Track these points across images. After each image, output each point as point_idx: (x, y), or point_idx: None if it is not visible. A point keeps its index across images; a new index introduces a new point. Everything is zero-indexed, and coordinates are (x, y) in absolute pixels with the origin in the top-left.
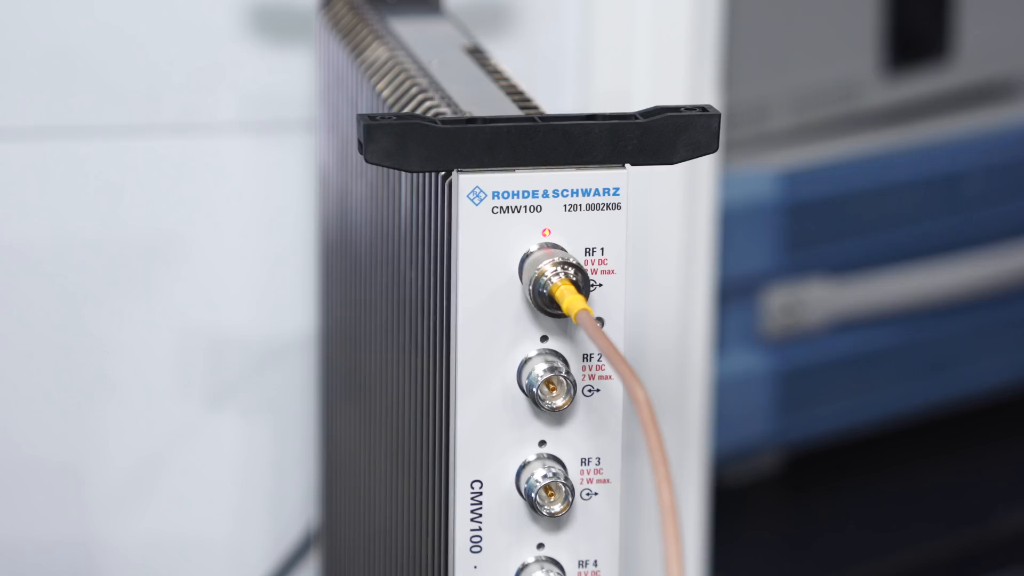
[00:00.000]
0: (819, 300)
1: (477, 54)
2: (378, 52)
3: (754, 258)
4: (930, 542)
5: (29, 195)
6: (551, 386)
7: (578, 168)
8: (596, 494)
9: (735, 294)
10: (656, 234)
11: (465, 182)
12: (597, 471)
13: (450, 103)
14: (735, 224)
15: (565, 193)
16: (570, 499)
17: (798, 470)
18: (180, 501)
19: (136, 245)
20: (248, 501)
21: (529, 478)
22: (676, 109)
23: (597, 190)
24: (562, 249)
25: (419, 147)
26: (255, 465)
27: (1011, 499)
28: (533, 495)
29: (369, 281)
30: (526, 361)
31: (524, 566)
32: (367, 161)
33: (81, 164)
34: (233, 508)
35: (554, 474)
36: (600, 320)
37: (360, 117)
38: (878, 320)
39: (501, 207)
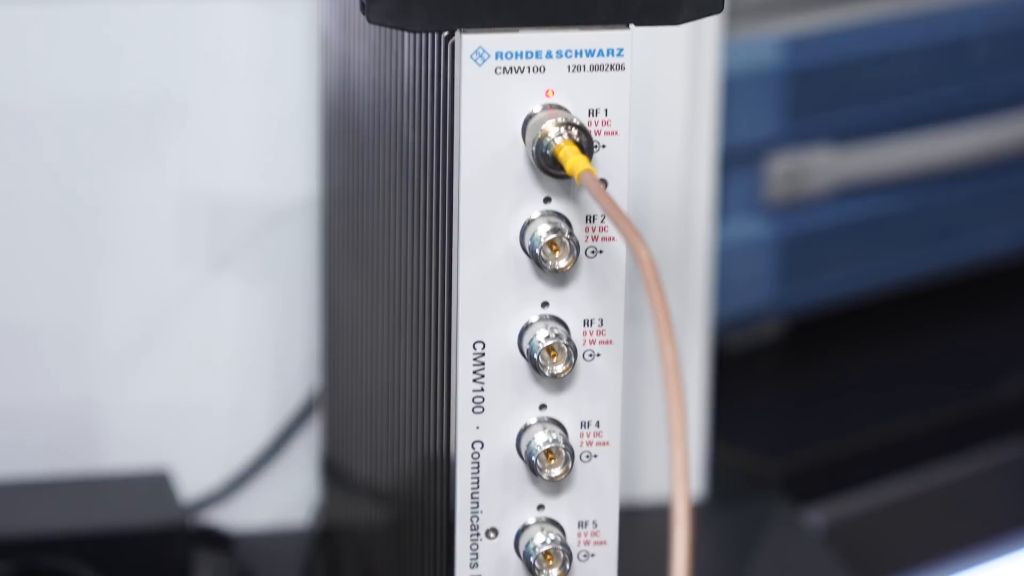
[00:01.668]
0: (823, 167)
1: None
2: None
3: (758, 125)
4: (932, 408)
5: (28, 58)
6: (554, 247)
7: (582, 29)
8: (599, 355)
9: (738, 161)
10: (660, 99)
11: (468, 42)
12: (600, 332)
13: None
14: (739, 91)
15: (569, 54)
16: (572, 360)
17: (800, 337)
18: (182, 365)
19: (137, 108)
20: (250, 365)
21: (532, 339)
22: None
23: (601, 51)
24: (565, 110)
25: (422, 6)
26: (257, 329)
27: (1014, 366)
28: (535, 356)
29: (372, 144)
30: (529, 222)
31: (526, 426)
32: (369, 21)
33: (82, 26)
34: (235, 372)
35: (556, 335)
36: (603, 181)
37: None
38: (882, 187)
39: (504, 67)
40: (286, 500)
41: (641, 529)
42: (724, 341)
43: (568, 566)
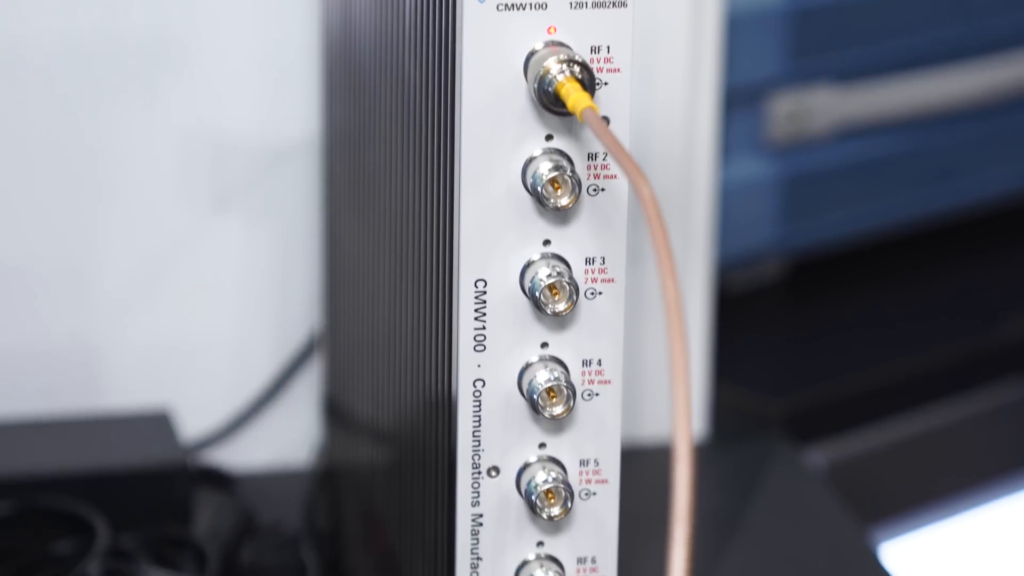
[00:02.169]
0: (825, 107)
1: None
2: None
3: (760, 65)
4: (933, 349)
5: None
6: (556, 185)
7: None
8: (601, 293)
9: (740, 101)
10: (662, 37)
11: None
12: (602, 270)
13: None
14: (741, 30)
15: None
16: (574, 298)
17: (802, 277)
18: (183, 305)
19: (138, 48)
20: (252, 305)
21: (533, 277)
22: None
23: None
24: (567, 47)
25: None
26: (259, 269)
27: (1015, 306)
28: (537, 294)
29: (373, 83)
30: (531, 160)
31: (528, 365)
32: None
33: None
34: (237, 312)
35: (558, 273)
36: (605, 119)
37: None
38: (884, 127)
39: (506, 4)
40: (287, 440)
41: (642, 468)
42: (725, 281)
43: (569, 504)
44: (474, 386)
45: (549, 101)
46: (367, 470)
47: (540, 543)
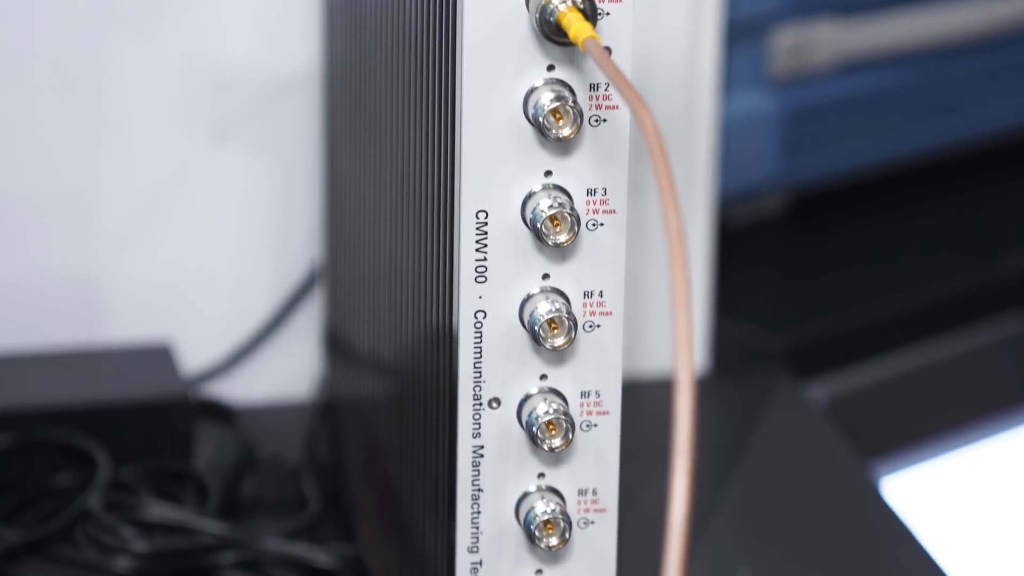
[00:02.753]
0: (827, 41)
1: None
2: None
3: None
4: (934, 283)
5: None
6: (557, 115)
7: None
8: (602, 225)
9: (742, 34)
10: None
11: None
12: (603, 201)
13: None
14: None
15: None
16: (575, 229)
17: (803, 211)
18: (184, 238)
19: None
20: (253, 238)
21: (534, 208)
22: None
23: None
24: None
25: None
26: (259, 202)
27: (1016, 240)
28: (538, 225)
29: (373, 14)
30: (532, 91)
31: (529, 296)
32: None
33: None
34: (238, 245)
35: (560, 204)
36: (607, 49)
37: None
38: (886, 61)
39: None
40: (288, 373)
41: (643, 402)
42: (727, 216)
43: (571, 436)
44: (475, 317)
45: (551, 31)
46: (368, 403)
47: (541, 475)
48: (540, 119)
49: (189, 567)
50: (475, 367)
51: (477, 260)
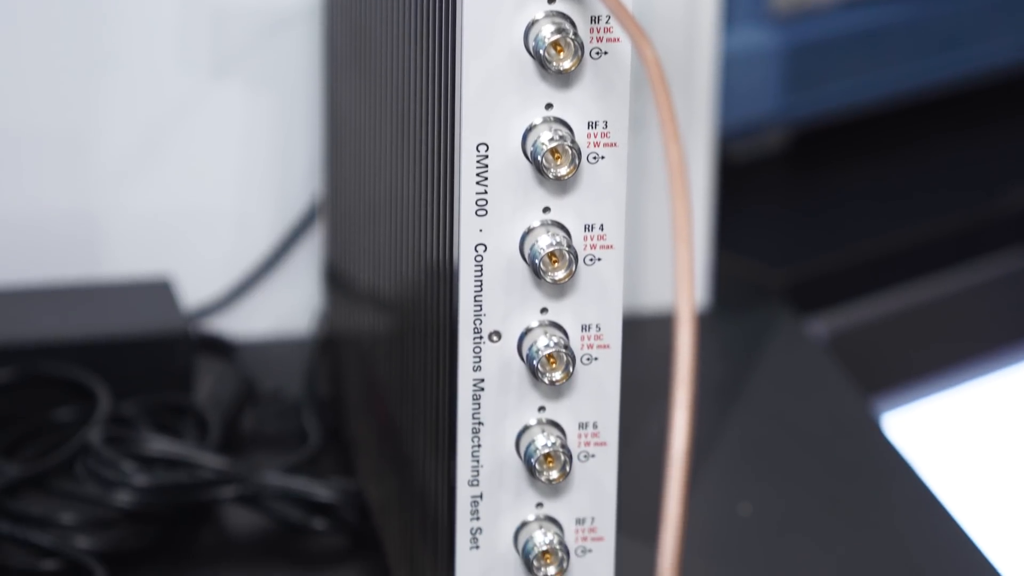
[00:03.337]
0: None
1: None
2: None
3: None
4: (935, 219)
5: None
6: (558, 47)
7: None
8: (603, 158)
9: None
10: None
11: None
12: (604, 134)
13: None
14: None
15: None
16: (576, 162)
17: (804, 147)
18: (183, 173)
19: None
20: (253, 172)
21: (535, 141)
22: None
23: None
24: None
25: None
26: (260, 136)
27: (1017, 176)
28: (539, 158)
29: None
30: (533, 23)
31: (530, 229)
32: None
33: None
34: (238, 180)
35: (560, 137)
36: None
37: None
38: None
39: None
40: (288, 308)
41: (643, 338)
42: (728, 151)
43: (571, 369)
44: (475, 251)
45: None
46: (368, 337)
47: (541, 408)
48: (541, 52)
49: (189, 501)
50: (475, 300)
51: (477, 193)
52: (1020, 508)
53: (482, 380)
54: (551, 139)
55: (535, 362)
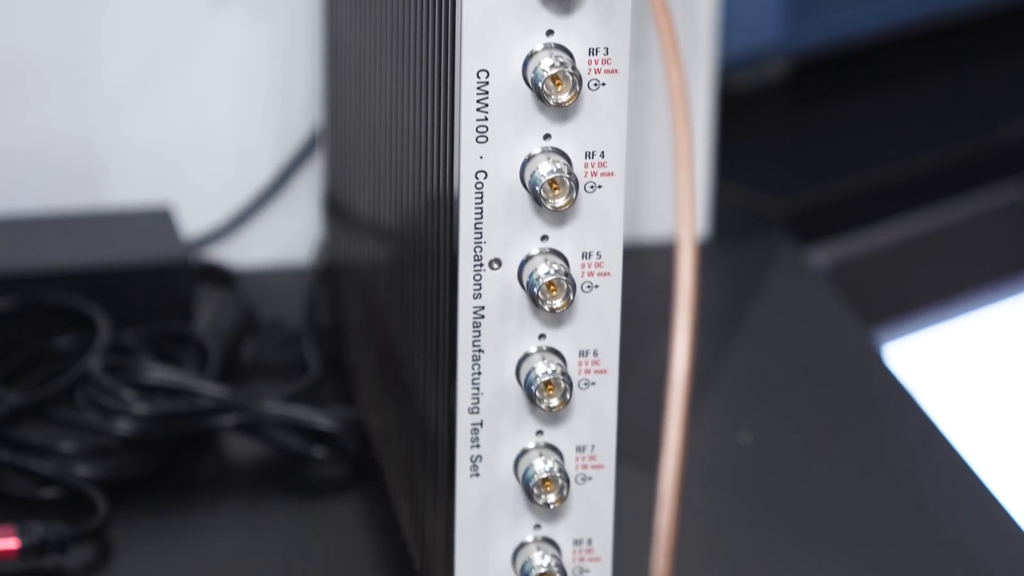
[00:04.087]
0: None
1: None
2: None
3: None
4: (937, 149)
5: None
6: None
7: None
8: (604, 84)
9: None
10: None
11: None
12: (605, 60)
13: None
14: None
15: None
16: (577, 88)
17: (806, 77)
18: (183, 102)
19: None
20: (253, 102)
21: (536, 68)
22: None
23: None
24: None
25: None
26: (260, 65)
27: (1020, 106)
28: (540, 85)
29: None
30: None
31: (530, 156)
32: None
33: None
34: (238, 109)
35: (561, 64)
36: None
37: None
38: None
39: None
40: (288, 237)
41: (644, 267)
42: (729, 81)
43: (572, 296)
44: (476, 178)
45: None
46: (368, 265)
47: (542, 335)
48: None
49: (189, 429)
50: (476, 228)
51: (478, 120)
52: (1021, 438)
53: (482, 308)
54: (552, 65)
55: (535, 289)
